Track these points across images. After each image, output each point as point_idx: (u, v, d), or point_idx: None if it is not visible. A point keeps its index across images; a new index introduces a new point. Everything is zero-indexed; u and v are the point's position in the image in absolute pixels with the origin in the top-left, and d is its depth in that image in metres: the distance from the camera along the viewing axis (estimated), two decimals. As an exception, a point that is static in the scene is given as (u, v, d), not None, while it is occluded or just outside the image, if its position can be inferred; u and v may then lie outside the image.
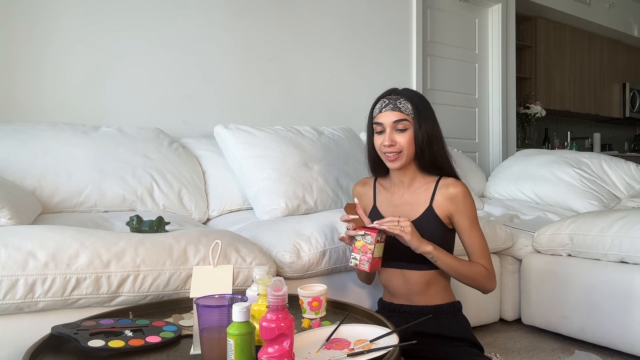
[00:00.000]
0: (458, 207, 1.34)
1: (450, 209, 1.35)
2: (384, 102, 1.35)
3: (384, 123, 1.33)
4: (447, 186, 1.36)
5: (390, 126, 1.33)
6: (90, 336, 0.94)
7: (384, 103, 1.35)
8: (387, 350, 0.89)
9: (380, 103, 1.36)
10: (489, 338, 1.95)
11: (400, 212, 1.39)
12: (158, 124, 2.31)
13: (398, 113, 1.32)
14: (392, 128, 1.33)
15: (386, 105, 1.34)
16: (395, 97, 1.34)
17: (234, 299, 0.91)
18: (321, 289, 1.19)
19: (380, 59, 3.26)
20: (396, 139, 1.32)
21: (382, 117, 1.34)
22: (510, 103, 4.14)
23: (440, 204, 1.35)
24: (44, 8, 2.15)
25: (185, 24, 2.51)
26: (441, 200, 1.35)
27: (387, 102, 1.34)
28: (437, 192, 1.36)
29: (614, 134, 6.42)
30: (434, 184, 1.38)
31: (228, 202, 2.11)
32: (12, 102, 2.09)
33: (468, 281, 1.34)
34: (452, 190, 1.35)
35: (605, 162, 2.89)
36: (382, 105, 1.35)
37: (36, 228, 1.22)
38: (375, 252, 1.24)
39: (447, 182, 1.36)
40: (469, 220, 1.35)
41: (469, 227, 1.35)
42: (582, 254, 1.86)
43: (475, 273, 1.33)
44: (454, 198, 1.34)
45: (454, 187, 1.35)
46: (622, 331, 1.70)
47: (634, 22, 5.65)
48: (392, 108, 1.33)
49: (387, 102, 1.34)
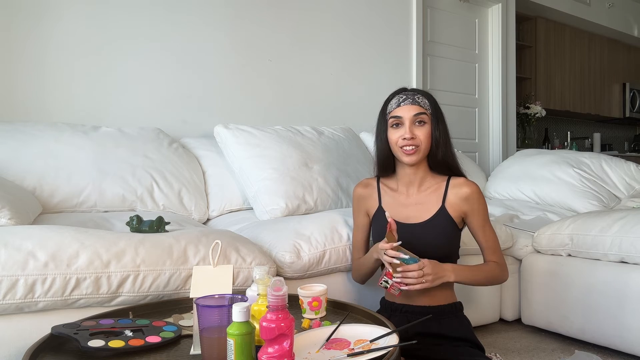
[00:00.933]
0: (473, 207, 1.36)
1: (464, 209, 1.37)
2: (401, 97, 1.36)
3: (403, 116, 1.34)
4: (460, 186, 1.37)
5: (409, 120, 1.33)
6: (90, 336, 0.94)
7: (401, 98, 1.36)
8: (387, 350, 0.89)
9: (397, 98, 1.37)
10: (489, 338, 1.95)
11: (411, 212, 1.39)
12: (158, 124, 2.32)
13: (418, 107, 1.34)
14: (412, 121, 1.33)
15: (404, 99, 1.35)
16: (413, 93, 1.36)
17: (234, 299, 0.91)
18: (321, 289, 1.19)
19: (380, 59, 3.26)
20: (415, 133, 1.33)
21: (401, 111, 1.34)
22: (510, 103, 4.14)
23: (453, 204, 1.36)
24: (45, 8, 2.15)
25: (186, 24, 2.51)
26: (454, 200, 1.36)
27: (405, 97, 1.35)
28: (449, 191, 1.37)
29: (614, 134, 6.42)
30: (444, 184, 1.38)
31: (228, 202, 2.11)
32: (13, 102, 2.09)
33: (485, 284, 1.39)
34: (465, 189, 1.36)
35: (605, 162, 2.89)
36: (399, 99, 1.36)
37: (36, 228, 1.22)
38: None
39: (459, 182, 1.37)
40: (483, 218, 1.38)
41: (483, 225, 1.39)
42: (582, 254, 1.86)
43: (490, 274, 1.37)
44: (468, 198, 1.36)
45: (467, 187, 1.36)
46: (622, 331, 1.70)
47: (634, 22, 5.65)
48: (412, 102, 1.34)
49: (404, 97, 1.36)
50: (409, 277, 1.22)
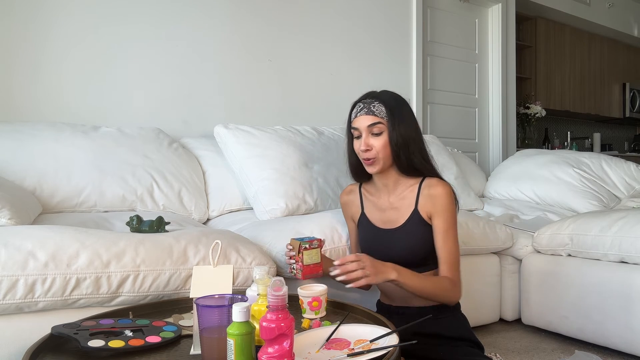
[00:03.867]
0: (437, 208, 1.32)
1: (430, 209, 1.33)
2: (359, 106, 1.35)
3: (359, 127, 1.33)
4: (430, 186, 1.34)
5: (365, 130, 1.32)
6: (90, 336, 0.94)
7: (359, 107, 1.34)
8: (387, 350, 0.89)
9: (356, 108, 1.35)
10: (489, 338, 1.95)
11: (388, 217, 1.39)
12: (158, 124, 2.31)
13: (372, 117, 1.31)
14: (368, 132, 1.32)
15: (361, 109, 1.33)
16: (370, 101, 1.33)
17: (234, 299, 0.91)
18: (321, 289, 1.19)
19: (380, 59, 3.26)
20: (372, 143, 1.31)
21: (358, 122, 1.33)
22: (510, 103, 4.14)
23: (422, 205, 1.34)
24: (42, 7, 2.15)
25: (185, 24, 2.51)
26: (423, 200, 1.34)
27: (362, 107, 1.33)
28: (421, 193, 1.35)
29: (614, 134, 6.42)
30: (417, 186, 1.36)
31: (228, 202, 2.11)
32: (11, 103, 2.09)
33: (432, 298, 1.30)
34: (433, 190, 1.33)
35: (605, 162, 2.89)
36: (357, 109, 1.35)
37: (36, 228, 1.22)
38: (305, 260, 1.28)
39: (431, 183, 1.34)
40: (445, 222, 1.31)
41: (444, 230, 1.31)
42: (582, 254, 1.86)
43: (440, 289, 1.29)
44: (434, 197, 1.32)
45: (436, 187, 1.33)
46: (622, 331, 1.70)
47: (634, 22, 5.65)
48: (367, 112, 1.32)
49: (362, 106, 1.34)
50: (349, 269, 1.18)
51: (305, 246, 1.29)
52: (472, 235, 1.92)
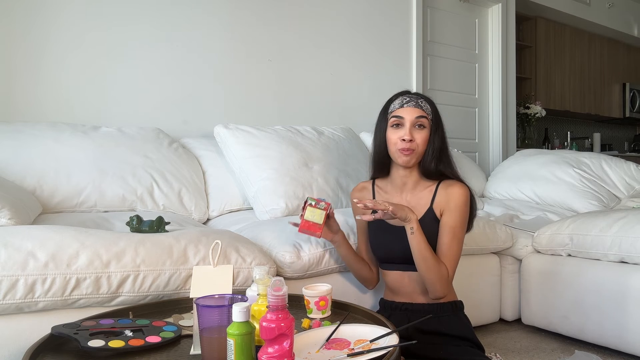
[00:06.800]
0: (449, 205, 1.34)
1: (443, 206, 1.35)
2: (405, 98, 1.37)
3: (405, 117, 1.34)
4: (448, 185, 1.36)
5: (411, 122, 1.34)
6: (90, 336, 0.94)
7: (405, 99, 1.37)
8: (387, 350, 0.89)
9: (401, 99, 1.37)
10: (489, 338, 1.95)
11: None
12: (158, 124, 2.31)
13: (420, 110, 1.35)
14: (413, 124, 1.34)
15: (408, 101, 1.36)
16: (416, 96, 1.37)
17: (234, 299, 0.91)
18: (327, 288, 1.20)
19: (380, 59, 3.26)
20: (414, 135, 1.34)
21: (404, 112, 1.35)
22: (510, 103, 4.14)
23: (438, 202, 1.36)
24: (43, 7, 2.15)
25: (185, 24, 2.51)
26: (439, 198, 1.36)
27: (409, 99, 1.36)
28: (438, 192, 1.37)
29: (614, 134, 6.42)
30: (435, 187, 1.38)
31: (228, 202, 2.11)
32: (12, 103, 2.09)
33: (427, 273, 1.29)
34: (450, 189, 1.35)
35: (605, 162, 2.89)
36: (403, 100, 1.37)
37: (36, 228, 1.22)
38: (306, 215, 1.31)
39: (450, 183, 1.37)
40: (454, 220, 1.32)
41: (451, 227, 1.32)
42: (582, 254, 1.86)
43: (436, 271, 1.28)
44: (449, 194, 1.34)
45: (454, 186, 1.35)
46: (621, 331, 1.70)
47: (634, 22, 5.65)
48: (415, 105, 1.35)
49: (408, 99, 1.36)
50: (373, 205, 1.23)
51: (311, 203, 1.32)
52: (472, 235, 1.92)
